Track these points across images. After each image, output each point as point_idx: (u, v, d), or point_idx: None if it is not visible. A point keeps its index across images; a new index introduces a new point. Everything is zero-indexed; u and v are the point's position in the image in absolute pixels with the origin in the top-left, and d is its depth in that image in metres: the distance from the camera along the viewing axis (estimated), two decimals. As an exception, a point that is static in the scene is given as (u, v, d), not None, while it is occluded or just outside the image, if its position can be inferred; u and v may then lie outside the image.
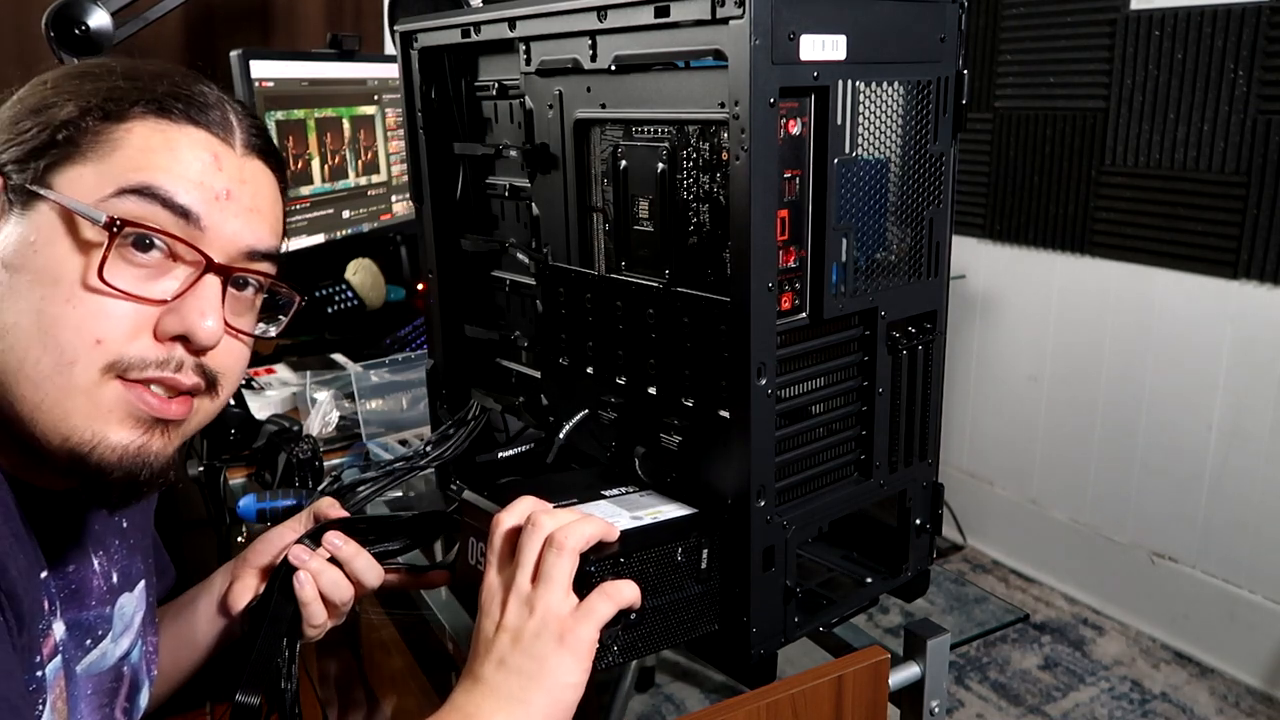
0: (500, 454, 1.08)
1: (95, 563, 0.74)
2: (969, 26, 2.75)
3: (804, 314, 0.78)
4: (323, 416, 1.45)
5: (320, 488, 1.13)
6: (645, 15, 0.75)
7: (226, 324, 0.67)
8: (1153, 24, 2.33)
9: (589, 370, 0.93)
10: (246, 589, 0.87)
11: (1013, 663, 2.47)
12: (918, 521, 0.90)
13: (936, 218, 0.83)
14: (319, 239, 1.89)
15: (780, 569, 0.78)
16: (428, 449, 1.12)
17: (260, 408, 1.46)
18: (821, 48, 0.71)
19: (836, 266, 0.78)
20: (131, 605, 0.79)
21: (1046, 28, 2.58)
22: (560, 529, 0.70)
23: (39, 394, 0.61)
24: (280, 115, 1.77)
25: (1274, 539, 2.29)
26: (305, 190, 1.85)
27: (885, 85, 0.78)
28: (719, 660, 0.85)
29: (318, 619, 0.81)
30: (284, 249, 0.76)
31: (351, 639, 0.98)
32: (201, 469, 1.32)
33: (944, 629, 0.88)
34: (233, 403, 1.34)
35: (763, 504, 0.76)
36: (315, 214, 1.88)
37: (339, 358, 1.76)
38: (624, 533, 0.75)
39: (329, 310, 1.91)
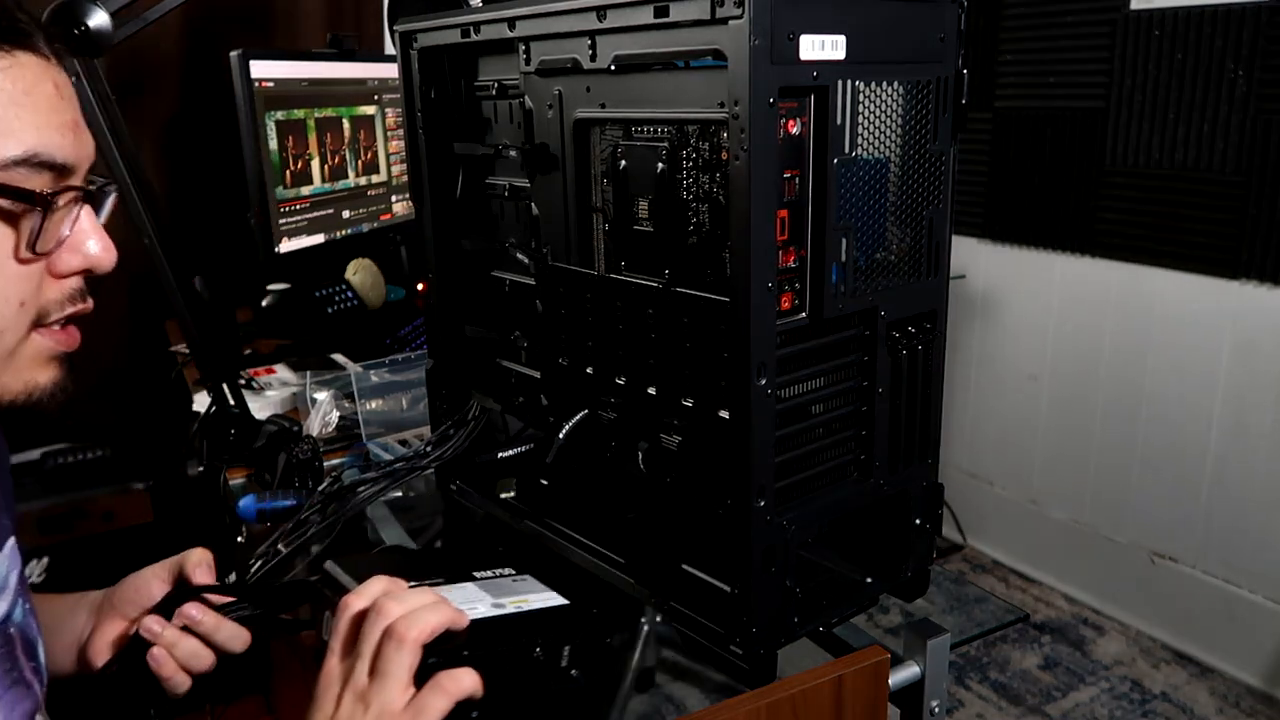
0: (500, 454, 1.08)
1: None
2: (969, 26, 2.74)
3: (804, 314, 0.78)
4: (323, 416, 1.45)
5: (320, 488, 1.13)
6: (645, 15, 0.75)
7: None
8: (1153, 24, 2.33)
9: (589, 370, 0.93)
10: (105, 642, 0.82)
11: (1013, 663, 2.47)
12: (917, 521, 0.90)
13: (936, 217, 0.83)
14: (319, 239, 1.89)
15: (780, 569, 0.78)
16: (428, 449, 1.12)
17: (260, 408, 1.46)
18: (821, 48, 0.71)
19: (836, 266, 0.78)
20: (3, 566, 0.74)
21: (1046, 28, 2.58)
22: (402, 619, 0.65)
23: None
24: (280, 115, 1.77)
25: (1274, 539, 2.29)
26: (305, 190, 1.85)
27: (885, 85, 0.78)
28: (719, 660, 0.85)
29: (180, 687, 0.78)
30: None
31: (263, 677, 0.93)
32: (201, 469, 1.32)
33: (944, 629, 0.88)
34: (232, 402, 1.34)
35: (763, 504, 0.76)
36: (315, 214, 1.88)
37: (339, 358, 1.76)
38: (473, 622, 0.70)
39: (329, 310, 1.92)
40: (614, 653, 0.80)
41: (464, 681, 0.65)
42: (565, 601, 0.79)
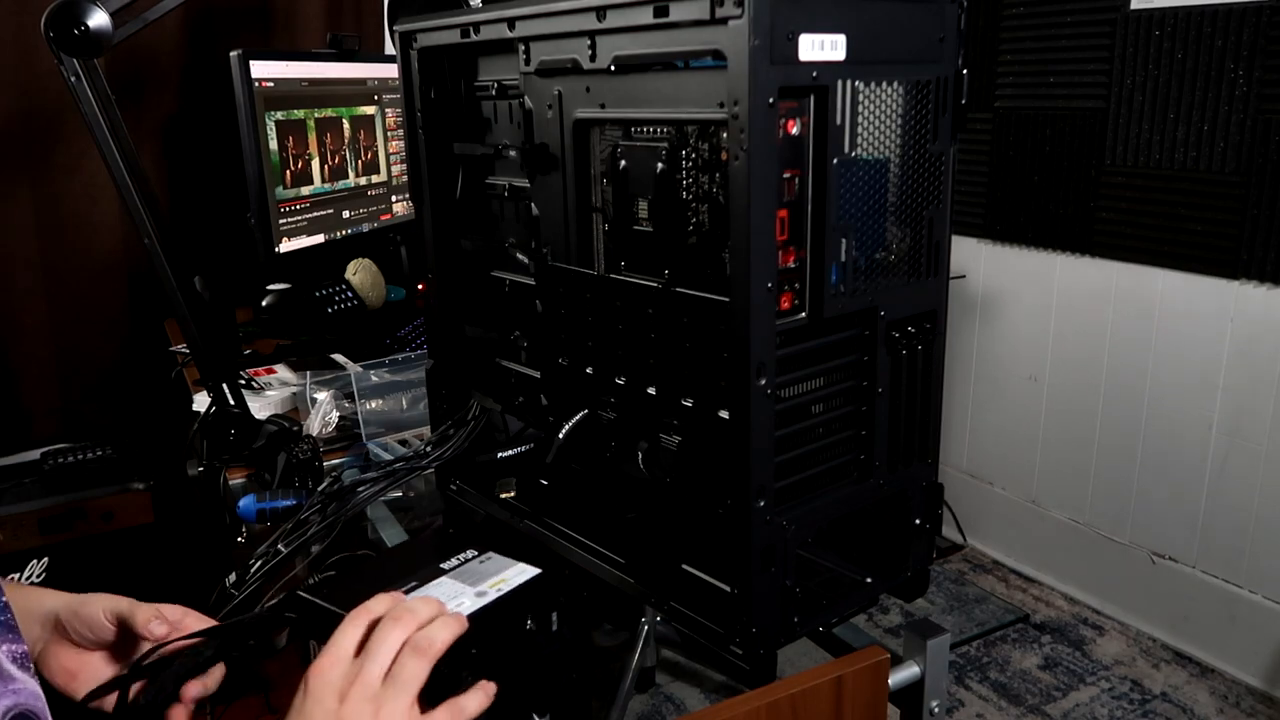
0: (500, 454, 1.08)
1: None
2: (969, 26, 2.75)
3: (803, 314, 0.78)
4: (323, 416, 1.45)
5: (320, 488, 1.13)
6: (644, 15, 0.75)
7: None
8: (1153, 24, 2.33)
9: (589, 370, 0.93)
10: (61, 666, 0.81)
11: (1013, 663, 2.47)
12: (917, 521, 0.90)
13: (936, 217, 0.83)
14: (319, 239, 1.89)
15: (780, 569, 0.78)
16: (428, 449, 1.12)
17: (260, 408, 1.45)
18: (821, 48, 0.71)
19: (836, 266, 0.78)
20: None
21: (1046, 28, 2.58)
22: (425, 632, 0.66)
23: None
24: (280, 115, 1.77)
25: (1274, 539, 2.29)
26: (305, 190, 1.85)
27: (885, 85, 0.78)
28: (719, 660, 0.85)
29: None
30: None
31: (263, 677, 0.93)
32: (201, 469, 1.32)
33: (944, 629, 0.88)
34: (232, 402, 1.34)
35: (763, 504, 0.76)
36: (315, 214, 1.88)
37: (339, 358, 1.76)
38: (470, 618, 0.71)
39: (329, 310, 1.91)
40: (592, 603, 0.81)
41: (471, 706, 0.66)
42: (538, 570, 0.81)
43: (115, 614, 0.81)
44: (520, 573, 0.80)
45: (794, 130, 0.74)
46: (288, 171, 1.80)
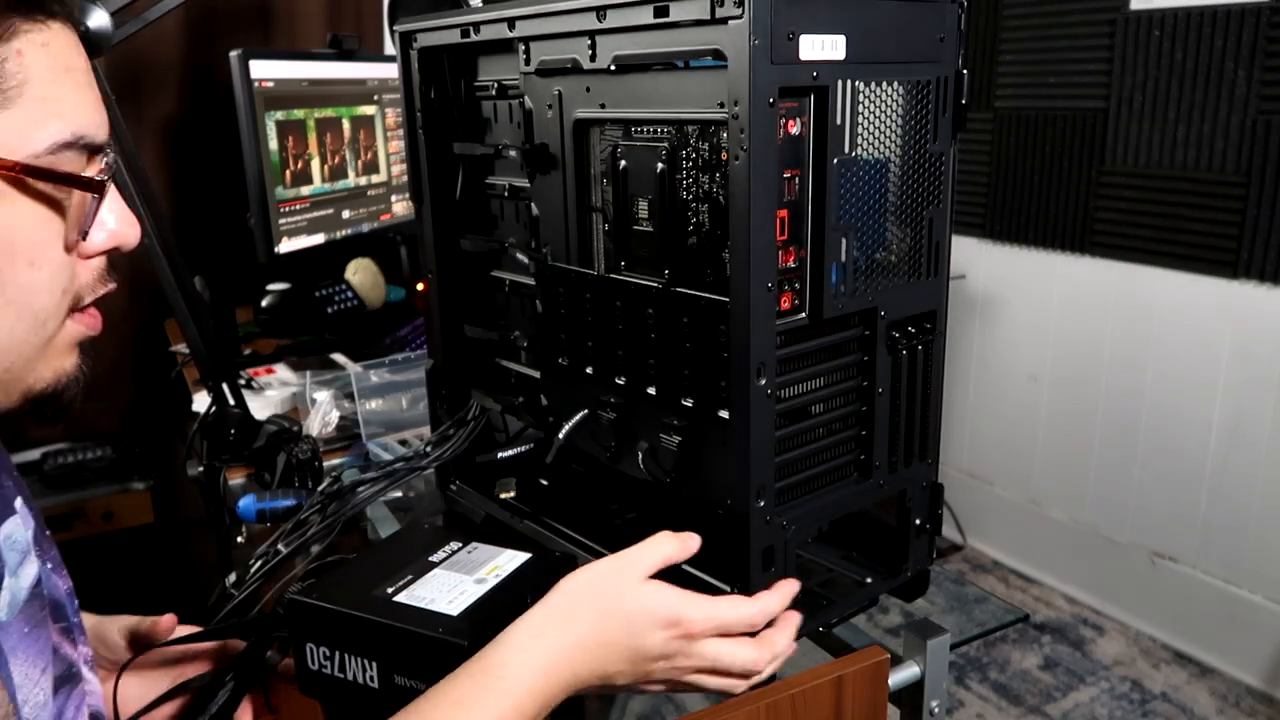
0: (500, 454, 1.08)
1: None
2: (969, 26, 2.75)
3: (803, 314, 0.78)
4: (323, 416, 1.45)
5: (320, 488, 1.13)
6: (644, 15, 0.75)
7: None
8: (1153, 24, 2.33)
9: (589, 370, 0.93)
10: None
11: (1013, 663, 2.47)
12: (917, 521, 0.90)
13: (936, 217, 0.83)
14: (319, 239, 1.90)
15: (780, 569, 0.78)
16: (428, 449, 1.12)
17: (260, 408, 1.45)
18: (821, 48, 0.71)
19: (836, 266, 0.78)
20: (17, 529, 0.70)
21: (1046, 28, 2.58)
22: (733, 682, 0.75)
23: (10, 358, 0.60)
24: (280, 115, 1.78)
25: (1274, 539, 2.29)
26: (305, 190, 1.85)
27: (885, 85, 0.77)
28: (719, 660, 0.85)
29: None
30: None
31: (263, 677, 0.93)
32: (201, 469, 1.32)
33: (944, 629, 0.88)
34: (232, 402, 1.34)
35: (762, 504, 0.76)
36: (315, 214, 1.88)
37: (339, 358, 1.76)
38: (477, 604, 0.76)
39: (329, 310, 1.92)
40: None
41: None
42: (529, 554, 0.82)
43: (128, 631, 0.84)
44: (512, 558, 0.81)
45: (794, 130, 0.74)
46: (288, 171, 1.80)
